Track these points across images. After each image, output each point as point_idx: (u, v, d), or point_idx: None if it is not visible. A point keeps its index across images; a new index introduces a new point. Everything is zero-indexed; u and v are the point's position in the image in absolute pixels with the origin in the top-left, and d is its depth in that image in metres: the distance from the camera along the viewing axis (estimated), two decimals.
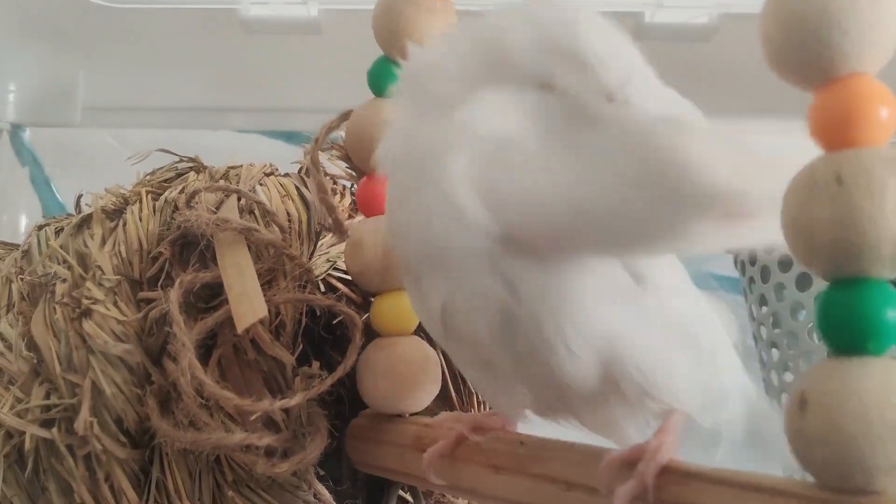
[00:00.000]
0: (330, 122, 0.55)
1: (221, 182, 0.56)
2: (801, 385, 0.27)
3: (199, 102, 0.90)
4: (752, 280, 0.71)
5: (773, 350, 0.69)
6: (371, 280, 0.50)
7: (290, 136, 0.91)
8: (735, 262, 0.75)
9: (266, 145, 0.92)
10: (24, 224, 0.92)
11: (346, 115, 0.53)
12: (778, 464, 0.36)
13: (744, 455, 0.40)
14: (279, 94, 0.90)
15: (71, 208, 0.62)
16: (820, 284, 0.43)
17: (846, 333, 0.27)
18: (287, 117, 0.90)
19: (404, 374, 0.49)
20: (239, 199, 0.53)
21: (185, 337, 0.45)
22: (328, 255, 0.58)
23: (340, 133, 0.55)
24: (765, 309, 0.70)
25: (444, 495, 0.58)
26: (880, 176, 0.26)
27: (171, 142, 0.64)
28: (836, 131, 0.27)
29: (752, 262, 0.70)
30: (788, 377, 0.68)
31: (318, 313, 0.53)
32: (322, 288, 0.57)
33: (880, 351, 0.26)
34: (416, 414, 0.51)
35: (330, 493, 0.52)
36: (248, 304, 0.46)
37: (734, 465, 0.32)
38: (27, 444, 0.49)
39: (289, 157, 0.63)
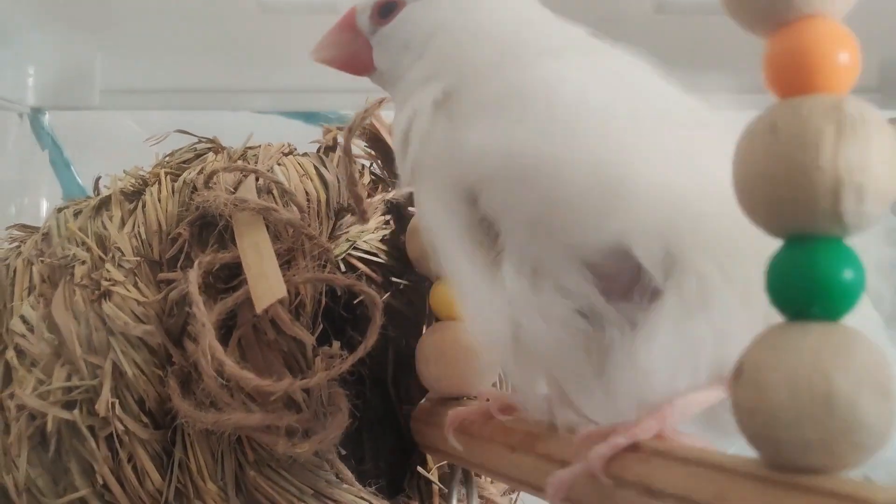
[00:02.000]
0: (364, 112, 0.54)
1: (239, 162, 0.55)
2: (742, 355, 0.25)
3: (217, 83, 0.89)
4: None
5: None
6: (428, 265, 0.51)
7: (308, 117, 0.91)
8: None
9: (284, 126, 0.91)
10: (44, 207, 0.92)
11: (377, 104, 0.53)
12: None
13: None
14: (297, 75, 0.89)
15: (91, 191, 0.62)
16: None
17: (790, 296, 0.24)
18: (305, 97, 0.90)
19: (456, 357, 0.50)
20: (257, 179, 0.52)
21: (205, 318, 0.45)
22: (348, 235, 0.58)
23: (349, 112, 0.56)
24: None
25: None
26: (816, 124, 0.23)
27: (189, 123, 0.64)
28: (790, 79, 0.25)
29: None
30: None
31: (339, 293, 0.53)
32: (342, 268, 0.57)
33: (830, 315, 0.24)
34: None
35: (352, 472, 0.52)
36: (266, 284, 0.46)
37: None
38: (49, 426, 0.49)
39: (307, 138, 0.63)
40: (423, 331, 0.57)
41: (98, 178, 0.61)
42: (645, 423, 0.32)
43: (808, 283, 0.24)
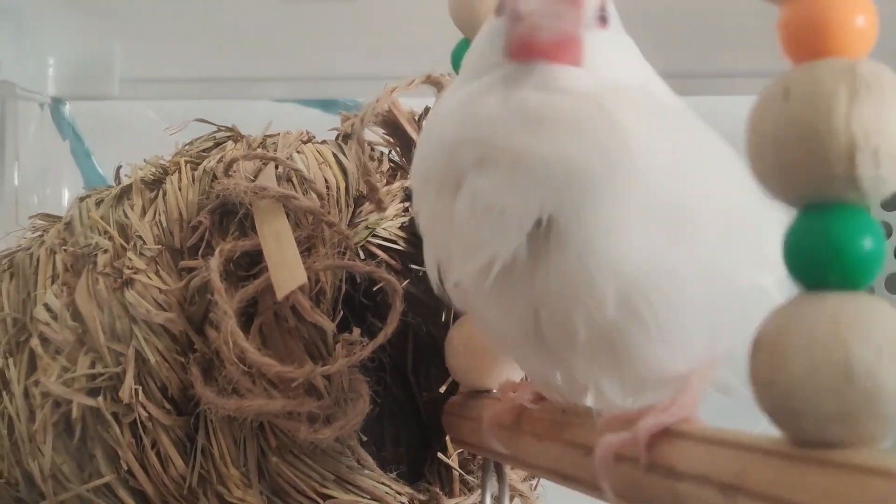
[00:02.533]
0: (377, 100, 0.54)
1: (259, 150, 0.55)
2: (758, 329, 0.25)
3: (235, 72, 0.90)
4: None
5: None
6: None
7: (326, 105, 0.91)
8: None
9: (303, 114, 0.91)
10: (66, 197, 0.92)
11: (389, 92, 0.53)
12: None
13: None
14: (316, 63, 0.90)
15: (112, 180, 0.63)
16: None
17: (806, 266, 0.24)
18: (324, 86, 0.90)
19: (481, 350, 0.49)
20: (276, 167, 0.53)
21: (226, 305, 0.45)
22: (367, 222, 0.58)
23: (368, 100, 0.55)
24: None
25: None
26: (829, 87, 0.23)
27: (209, 112, 0.64)
28: (805, 44, 0.24)
29: None
30: None
31: (359, 280, 0.53)
32: (362, 255, 0.57)
33: (848, 284, 0.23)
34: None
35: (373, 458, 0.52)
36: (287, 271, 0.46)
37: None
38: (74, 413, 0.50)
39: (326, 126, 0.63)
40: (443, 318, 0.57)
41: (119, 168, 0.61)
42: (681, 402, 0.32)
43: (824, 252, 0.23)
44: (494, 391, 0.50)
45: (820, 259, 0.23)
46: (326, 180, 0.53)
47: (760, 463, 0.25)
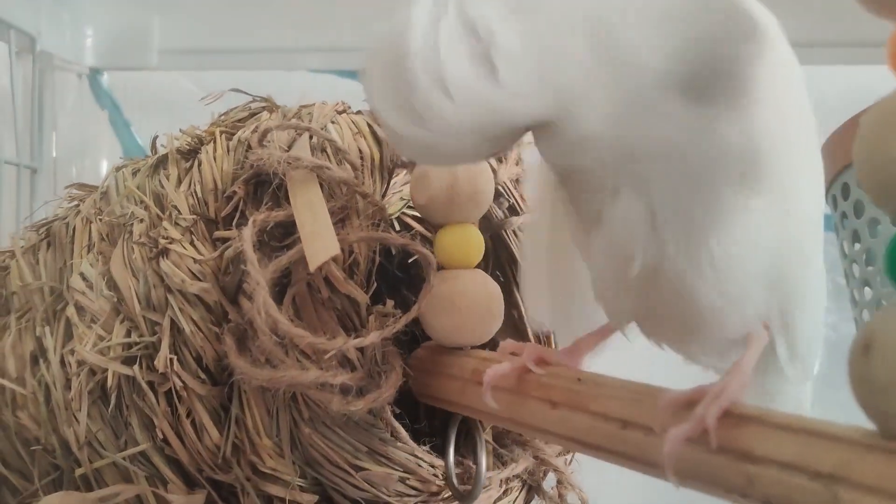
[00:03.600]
0: None
1: (293, 120, 0.55)
2: (866, 328, 0.25)
3: (272, 43, 0.89)
4: (844, 215, 0.68)
5: (866, 289, 0.66)
6: (436, 211, 0.50)
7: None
8: (826, 197, 0.72)
9: (339, 85, 0.91)
10: (104, 167, 0.93)
11: None
12: None
13: None
14: (353, 34, 0.89)
15: (149, 150, 0.63)
16: None
17: None
18: (360, 56, 0.89)
19: (465, 308, 0.49)
20: (311, 138, 0.52)
21: (260, 276, 0.45)
22: (401, 194, 0.57)
23: None
24: (857, 246, 0.67)
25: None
26: None
27: (245, 83, 0.64)
28: None
29: (846, 197, 0.67)
30: None
31: (394, 252, 0.53)
32: (396, 226, 0.57)
33: None
34: (477, 348, 0.51)
35: (406, 430, 0.52)
36: (320, 242, 0.46)
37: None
38: (109, 381, 0.50)
39: (362, 96, 0.62)
40: None
41: (155, 137, 0.61)
42: (736, 383, 0.32)
43: None
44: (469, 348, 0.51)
45: None
46: (361, 151, 0.53)
47: (860, 456, 0.26)
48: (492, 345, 0.51)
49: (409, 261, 0.53)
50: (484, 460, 0.54)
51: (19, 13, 0.80)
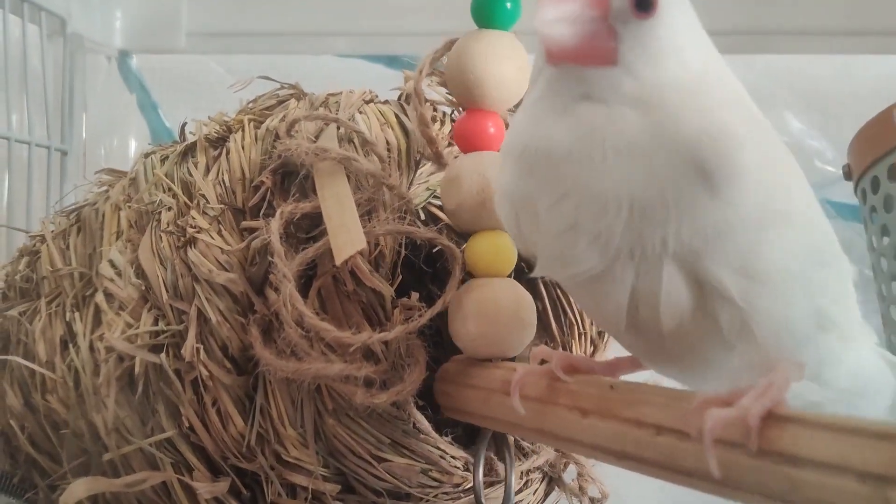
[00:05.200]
0: (434, 52, 0.53)
1: (321, 110, 0.55)
2: None
3: (300, 27, 0.89)
4: (873, 209, 0.67)
5: (894, 283, 0.66)
6: (466, 217, 0.49)
7: (390, 61, 0.90)
8: (855, 190, 0.71)
9: (367, 70, 0.91)
10: (133, 148, 0.94)
11: (449, 45, 0.52)
12: None
13: None
14: (381, 18, 0.89)
15: (177, 133, 0.63)
16: None
17: None
18: (388, 41, 0.89)
19: (496, 318, 0.48)
20: (338, 128, 0.52)
21: (286, 268, 0.45)
22: (428, 184, 0.57)
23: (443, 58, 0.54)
24: (886, 240, 0.66)
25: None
26: None
27: (273, 67, 0.64)
28: None
29: (875, 190, 0.66)
30: None
31: (419, 243, 0.53)
32: (422, 216, 0.57)
33: None
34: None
35: (429, 421, 0.52)
36: (346, 235, 0.46)
37: None
38: (137, 368, 0.51)
39: (389, 82, 0.62)
40: None
41: (184, 124, 0.62)
42: (778, 384, 0.31)
43: None
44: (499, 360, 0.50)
45: None
46: (388, 142, 0.53)
47: None
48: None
49: (435, 250, 0.53)
50: (513, 480, 0.53)
51: None
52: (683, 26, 0.35)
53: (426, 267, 0.55)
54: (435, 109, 0.59)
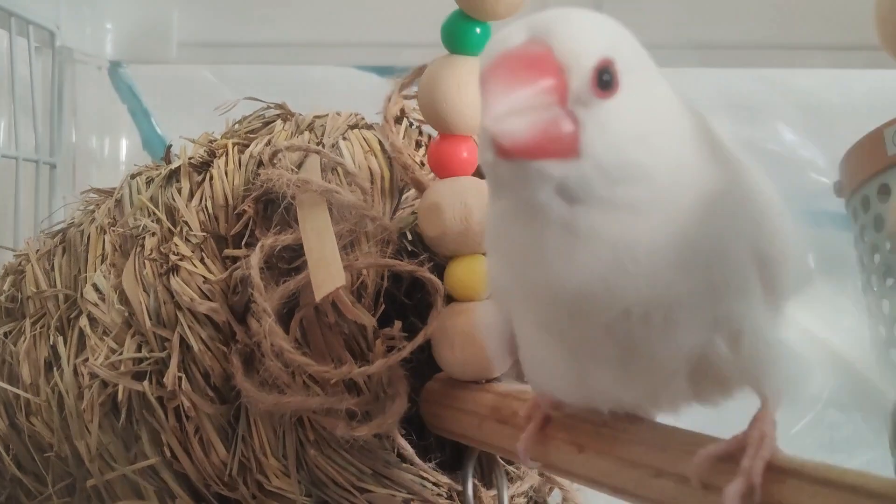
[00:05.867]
0: (402, 79, 0.53)
1: (306, 135, 0.55)
2: None
3: (292, 38, 0.89)
4: (864, 228, 0.67)
5: (884, 301, 0.66)
6: (450, 244, 0.49)
7: (382, 71, 0.90)
8: (847, 208, 0.70)
9: (359, 80, 0.91)
10: (124, 155, 0.94)
11: (419, 71, 0.51)
12: None
13: None
14: (373, 29, 0.88)
15: (170, 140, 0.63)
16: None
17: None
18: (381, 52, 0.89)
19: (479, 341, 0.48)
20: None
21: (266, 303, 0.45)
22: (414, 208, 0.57)
23: None
24: (877, 258, 0.66)
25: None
26: None
27: (265, 76, 0.64)
28: None
29: (866, 210, 0.66)
30: None
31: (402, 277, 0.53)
32: (409, 236, 0.57)
33: None
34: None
35: (414, 447, 0.52)
36: (326, 271, 0.46)
37: None
38: (120, 395, 0.51)
39: (382, 92, 0.61)
40: None
41: (169, 146, 0.61)
42: (770, 434, 0.32)
43: None
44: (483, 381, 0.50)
45: None
46: (371, 170, 0.52)
47: None
48: None
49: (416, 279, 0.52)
50: (506, 498, 0.54)
51: (38, 9, 0.80)
52: (646, 95, 0.32)
53: (407, 300, 0.55)
54: (420, 133, 0.58)
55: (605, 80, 0.30)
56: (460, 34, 0.48)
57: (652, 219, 0.31)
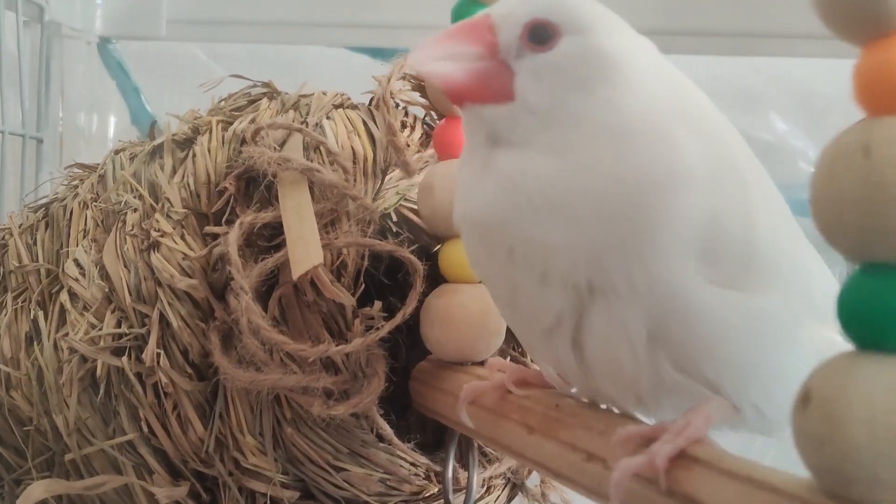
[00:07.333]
0: (402, 61, 0.53)
1: (290, 114, 0.55)
2: (806, 381, 0.24)
3: (283, 16, 0.88)
4: None
5: None
6: (440, 224, 0.49)
7: (375, 52, 0.89)
8: None
9: (351, 60, 0.90)
10: (112, 131, 0.93)
11: None
12: None
13: None
14: (365, 9, 0.88)
15: (159, 117, 0.62)
16: None
17: (865, 324, 0.23)
18: (373, 33, 0.88)
19: (463, 323, 0.49)
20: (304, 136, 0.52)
21: (244, 281, 0.45)
22: (398, 188, 0.57)
23: None
24: None
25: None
26: None
27: (256, 55, 0.63)
28: (882, 95, 0.23)
29: None
30: None
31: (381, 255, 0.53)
32: (394, 218, 0.56)
33: None
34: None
35: (394, 426, 0.52)
36: (304, 249, 0.46)
37: None
38: (99, 370, 0.51)
39: (373, 72, 0.61)
40: None
41: (153, 122, 0.61)
42: (696, 423, 0.32)
43: (883, 314, 0.23)
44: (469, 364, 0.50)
45: (880, 319, 0.23)
46: (354, 150, 0.52)
47: None
48: None
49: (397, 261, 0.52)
50: (475, 480, 0.54)
51: None
52: (597, 50, 0.34)
53: (387, 280, 0.55)
54: (406, 114, 0.58)
55: (540, 34, 0.34)
56: (469, 14, 0.48)
57: (567, 161, 0.32)
